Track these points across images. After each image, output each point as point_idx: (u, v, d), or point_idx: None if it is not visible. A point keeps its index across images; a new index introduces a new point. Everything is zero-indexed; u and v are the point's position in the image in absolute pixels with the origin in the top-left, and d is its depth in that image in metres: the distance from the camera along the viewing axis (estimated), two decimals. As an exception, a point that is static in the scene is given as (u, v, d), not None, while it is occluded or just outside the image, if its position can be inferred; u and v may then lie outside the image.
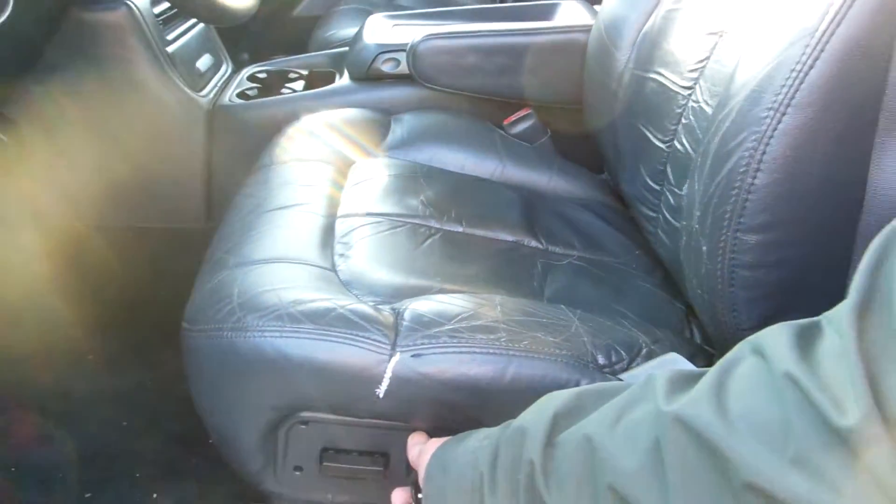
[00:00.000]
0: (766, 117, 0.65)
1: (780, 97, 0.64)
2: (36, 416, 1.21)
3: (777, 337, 0.47)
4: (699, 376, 0.49)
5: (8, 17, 0.97)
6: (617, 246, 1.05)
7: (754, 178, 0.66)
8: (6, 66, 1.17)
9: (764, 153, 0.65)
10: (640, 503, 0.47)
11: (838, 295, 0.66)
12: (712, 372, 0.48)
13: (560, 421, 0.56)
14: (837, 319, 0.43)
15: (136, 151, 1.33)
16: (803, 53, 0.63)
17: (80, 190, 1.36)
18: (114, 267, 1.43)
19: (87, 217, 1.39)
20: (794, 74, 0.64)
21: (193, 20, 1.47)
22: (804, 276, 0.68)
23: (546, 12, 1.40)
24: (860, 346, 0.41)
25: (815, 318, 0.47)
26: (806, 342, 0.45)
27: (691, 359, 0.77)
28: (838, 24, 0.61)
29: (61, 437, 1.18)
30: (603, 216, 1.12)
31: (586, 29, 1.25)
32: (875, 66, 0.61)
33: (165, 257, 1.46)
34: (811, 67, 0.63)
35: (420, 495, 0.64)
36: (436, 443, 0.67)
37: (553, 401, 0.59)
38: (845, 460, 0.40)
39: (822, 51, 0.62)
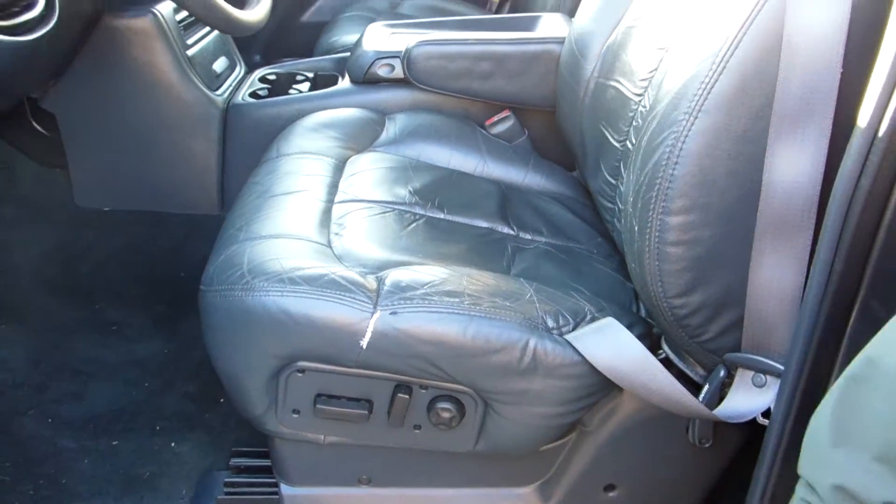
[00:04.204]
0: (683, 119, 0.79)
1: (694, 103, 0.78)
2: (70, 376, 1.32)
3: None
4: None
5: (52, 27, 1.09)
6: (581, 234, 1.17)
7: (673, 169, 0.79)
8: (48, 68, 1.29)
9: (681, 149, 0.79)
10: None
11: (743, 270, 0.80)
12: None
13: None
14: None
15: (159, 145, 1.44)
16: (710, 69, 0.77)
17: (108, 178, 1.48)
18: (137, 249, 1.56)
19: (113, 203, 1.51)
20: (703, 85, 0.77)
21: (211, 27, 1.58)
22: (715, 253, 0.81)
23: (529, 24, 1.51)
24: None
25: None
26: None
27: (630, 327, 0.90)
28: (736, 47, 0.75)
29: (92, 394, 1.29)
30: (571, 208, 1.24)
31: (560, 41, 1.35)
32: (766, 81, 0.74)
33: (183, 241, 1.58)
34: (716, 81, 0.76)
35: None
36: None
37: None
38: None
39: (724, 67, 0.76)
